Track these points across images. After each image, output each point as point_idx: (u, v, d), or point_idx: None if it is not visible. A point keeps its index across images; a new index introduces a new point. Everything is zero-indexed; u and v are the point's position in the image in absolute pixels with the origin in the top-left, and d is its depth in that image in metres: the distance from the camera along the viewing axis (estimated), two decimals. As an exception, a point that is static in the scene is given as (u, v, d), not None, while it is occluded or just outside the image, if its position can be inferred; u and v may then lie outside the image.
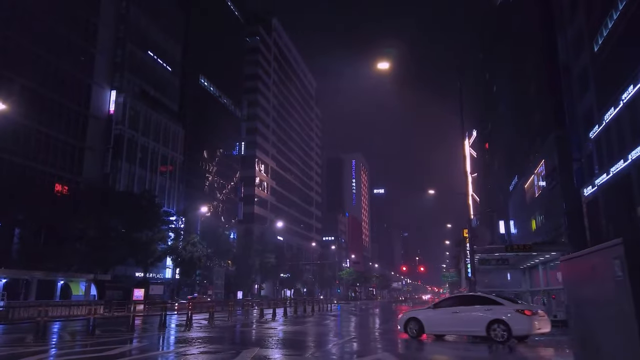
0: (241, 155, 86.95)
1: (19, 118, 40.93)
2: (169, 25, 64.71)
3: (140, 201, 42.62)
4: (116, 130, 52.72)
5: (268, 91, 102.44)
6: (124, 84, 54.97)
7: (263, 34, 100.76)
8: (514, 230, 59.18)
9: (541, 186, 43.59)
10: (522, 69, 50.18)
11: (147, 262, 43.85)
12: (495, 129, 73.03)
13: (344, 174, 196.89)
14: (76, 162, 47.96)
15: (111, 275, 41.68)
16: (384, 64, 19.97)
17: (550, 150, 38.77)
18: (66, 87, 47.23)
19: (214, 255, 54.75)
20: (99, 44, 52.04)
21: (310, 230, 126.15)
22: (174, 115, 63.95)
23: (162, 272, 56.54)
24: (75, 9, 48.52)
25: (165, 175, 60.27)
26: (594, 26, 29.85)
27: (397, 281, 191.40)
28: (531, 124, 47.07)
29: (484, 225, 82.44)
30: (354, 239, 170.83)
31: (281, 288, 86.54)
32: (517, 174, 55.71)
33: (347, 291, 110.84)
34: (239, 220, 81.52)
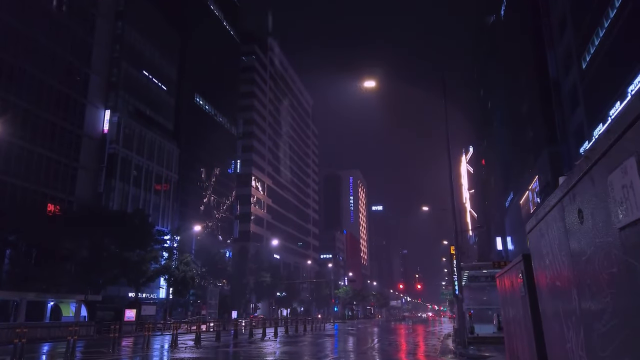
0: (237, 173, 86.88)
1: (11, 138, 40.91)
2: (164, 44, 65.24)
3: (132, 220, 42.29)
4: (110, 150, 52.68)
5: (264, 109, 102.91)
6: (118, 103, 55.14)
7: (259, 53, 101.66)
8: (511, 247, 58.88)
9: (536, 202, 43.52)
10: (514, 86, 50.59)
11: (139, 282, 43.30)
12: (491, 145, 73.32)
13: (341, 190, 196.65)
14: (69, 181, 47.79)
15: (102, 296, 41.13)
16: (371, 82, 20.03)
17: (543, 166, 38.82)
18: (60, 106, 47.33)
19: (208, 274, 54.20)
20: (94, 64, 52.35)
21: (308, 248, 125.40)
22: (169, 133, 64.03)
23: (156, 292, 55.90)
24: (71, 29, 48.92)
25: (160, 194, 60.06)
26: (581, 44, 30.16)
27: (396, 299, 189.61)
28: (524, 140, 47.25)
29: (482, 241, 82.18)
30: (352, 256, 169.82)
31: (277, 307, 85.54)
32: (513, 190, 55.69)
33: (344, 310, 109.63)
34: (234, 239, 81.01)
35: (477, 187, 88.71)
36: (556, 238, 2.10)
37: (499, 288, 5.46)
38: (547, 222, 2.27)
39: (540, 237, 2.46)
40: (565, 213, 1.90)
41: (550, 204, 2.21)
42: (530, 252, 3.05)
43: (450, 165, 20.14)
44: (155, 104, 63.02)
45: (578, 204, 1.68)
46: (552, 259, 2.22)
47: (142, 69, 60.58)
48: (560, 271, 2.09)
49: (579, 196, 1.67)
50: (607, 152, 1.33)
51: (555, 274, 2.20)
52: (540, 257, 2.52)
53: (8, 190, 40.97)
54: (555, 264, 2.17)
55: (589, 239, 1.58)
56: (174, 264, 46.84)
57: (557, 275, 2.16)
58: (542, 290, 2.60)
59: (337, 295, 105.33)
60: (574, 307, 1.85)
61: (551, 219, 2.18)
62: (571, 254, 1.87)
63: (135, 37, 59.24)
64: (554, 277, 2.24)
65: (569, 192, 1.80)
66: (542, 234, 2.38)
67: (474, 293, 24.91)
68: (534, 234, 2.70)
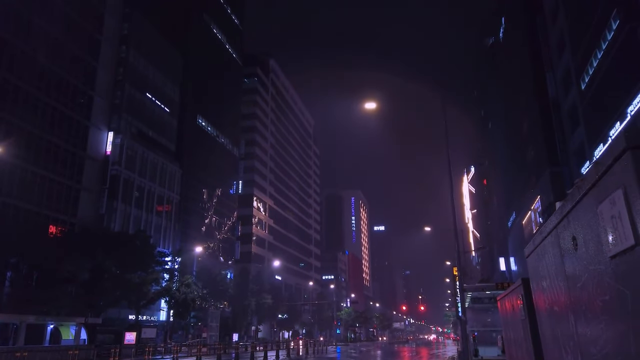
0: (239, 193, 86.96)
1: (15, 160, 41.19)
2: (167, 67, 66.14)
3: (134, 241, 42.22)
4: (112, 171, 52.92)
5: (266, 130, 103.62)
6: (121, 125, 55.63)
7: (261, 74, 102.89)
8: (515, 267, 58.40)
9: (538, 222, 43.35)
10: (514, 107, 50.96)
11: (139, 304, 43.01)
12: (492, 165, 73.45)
13: (343, 211, 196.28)
14: (71, 203, 47.89)
15: (103, 319, 40.80)
16: (371, 104, 20.23)
17: (545, 186, 38.81)
18: (64, 129, 47.76)
19: (209, 296, 53.79)
20: (98, 87, 53.01)
21: (309, 269, 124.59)
22: (171, 155, 64.40)
23: (156, 315, 55.40)
24: (75, 52, 49.70)
25: (162, 214, 60.07)
26: (580, 65, 30.51)
27: (399, 321, 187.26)
28: (525, 160, 47.36)
29: (485, 262, 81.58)
30: (354, 277, 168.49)
31: (279, 329, 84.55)
32: (515, 210, 55.55)
33: (347, 332, 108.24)
34: (235, 260, 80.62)
35: (479, 207, 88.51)
36: (553, 263, 2.14)
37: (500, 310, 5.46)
38: (544, 247, 2.31)
39: (538, 261, 2.49)
40: (560, 239, 1.94)
41: (547, 230, 2.26)
42: (529, 276, 3.08)
43: (452, 186, 20.18)
44: (158, 126, 63.56)
45: (572, 230, 1.73)
46: (550, 283, 2.25)
47: (146, 91, 61.30)
48: (557, 296, 2.12)
49: (572, 223, 1.72)
50: (596, 183, 1.39)
51: (553, 298, 2.23)
52: (539, 281, 2.56)
53: (11, 212, 41.05)
54: (553, 289, 2.20)
55: (583, 266, 1.62)
56: (175, 286, 46.57)
57: (554, 300, 2.20)
58: (541, 313, 2.62)
59: (339, 317, 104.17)
60: (571, 332, 1.88)
61: (548, 244, 2.22)
62: (567, 279, 1.90)
63: (138, 60, 60.12)
64: (552, 302, 2.27)
65: (563, 219, 1.84)
66: (540, 258, 2.42)
67: (477, 315, 24.62)
68: (532, 258, 2.74)
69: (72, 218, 47.33)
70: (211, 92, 76.93)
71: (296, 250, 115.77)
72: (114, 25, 56.44)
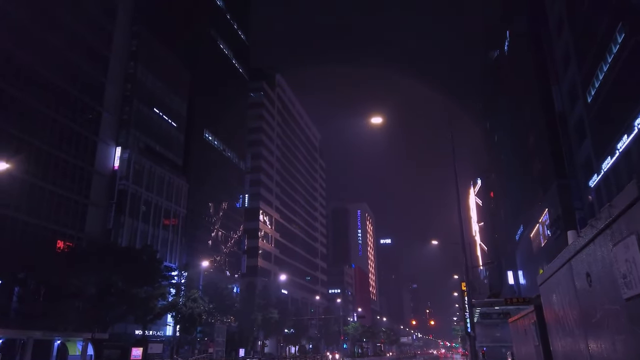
0: (245, 207, 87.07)
1: (24, 175, 41.58)
2: (175, 82, 66.86)
3: (141, 256, 42.28)
4: (120, 186, 53.25)
5: (272, 144, 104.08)
6: (129, 140, 56.10)
7: (267, 89, 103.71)
8: (523, 281, 57.81)
9: (547, 235, 43.02)
10: (520, 119, 50.93)
11: (146, 319, 42.89)
12: (499, 177, 73.17)
13: (349, 224, 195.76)
14: (79, 218, 48.16)
15: (109, 334, 40.71)
16: (378, 119, 20.33)
17: (553, 199, 38.59)
18: (72, 144, 48.24)
19: (215, 311, 53.56)
20: (106, 102, 53.62)
21: (316, 282, 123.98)
22: (178, 169, 64.76)
23: (163, 330, 55.20)
24: (84, 69, 50.38)
25: (168, 228, 60.22)
26: (586, 78, 30.54)
27: (407, 335, 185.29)
28: (533, 173, 47.18)
29: (494, 275, 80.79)
30: (360, 291, 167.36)
31: (285, 344, 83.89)
32: (523, 223, 55.16)
33: (354, 347, 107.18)
34: (242, 274, 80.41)
35: (487, 219, 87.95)
36: (566, 295, 2.16)
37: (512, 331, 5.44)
38: (557, 278, 2.32)
39: (551, 291, 2.51)
40: (574, 273, 1.96)
41: (560, 262, 2.28)
42: (542, 303, 3.08)
43: (459, 201, 20.14)
44: (165, 140, 64.06)
45: (586, 267, 1.75)
46: (564, 315, 2.27)
47: (153, 107, 61.92)
48: (572, 329, 2.13)
49: (586, 260, 1.74)
50: (610, 225, 1.42)
51: (567, 330, 2.24)
52: (552, 310, 2.57)
53: (19, 226, 41.32)
54: (567, 321, 2.21)
55: (598, 304, 1.64)
56: (181, 301, 46.46)
57: (569, 331, 2.20)
58: (555, 343, 2.62)
59: (346, 331, 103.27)
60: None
61: (561, 276, 2.24)
62: (581, 313, 1.92)
63: (146, 75, 60.84)
64: (566, 333, 2.27)
65: (577, 254, 1.87)
66: (553, 289, 2.43)
67: (486, 330, 24.35)
68: (545, 287, 2.75)
69: (80, 233, 47.54)
70: (218, 107, 77.55)
71: (302, 264, 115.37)
72: (122, 42, 57.27)
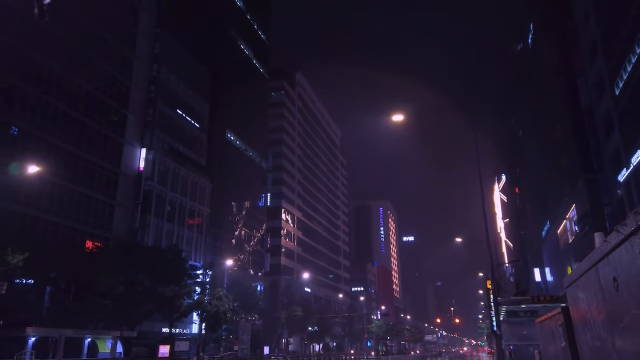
0: (267, 206, 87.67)
1: (54, 178, 42.76)
2: (197, 83, 67.74)
3: (166, 255, 43.06)
4: (145, 187, 54.27)
5: (293, 142, 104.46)
6: (153, 141, 57.11)
7: (287, 88, 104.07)
8: (550, 278, 56.71)
9: (574, 231, 42.08)
10: (545, 113, 49.90)
11: (172, 317, 43.66)
12: (524, 173, 71.86)
13: (371, 222, 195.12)
14: (106, 218, 49.28)
15: (137, 332, 41.58)
16: (399, 116, 20.22)
17: (580, 194, 37.72)
18: (99, 146, 49.37)
19: (240, 309, 54.14)
20: (131, 105, 54.69)
21: (339, 280, 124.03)
22: (201, 169, 65.63)
23: (189, 328, 56.08)
24: (110, 72, 51.49)
25: (193, 228, 61.11)
26: (613, 70, 29.74)
27: (431, 334, 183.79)
28: (559, 167, 46.18)
29: (520, 272, 79.41)
30: (384, 289, 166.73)
31: (309, 343, 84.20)
32: (549, 219, 54.08)
33: (378, 345, 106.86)
34: (265, 272, 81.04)
35: (512, 216, 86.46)
36: (594, 299, 2.14)
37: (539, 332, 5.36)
38: (584, 281, 2.31)
39: (578, 294, 2.49)
40: (600, 277, 1.95)
41: (587, 265, 2.26)
42: (568, 305, 3.05)
43: (483, 197, 19.89)
44: (189, 141, 64.99)
45: (612, 271, 1.74)
46: (591, 318, 2.25)
47: (176, 108, 62.87)
48: (599, 332, 2.12)
49: (612, 264, 1.73)
50: (636, 232, 1.41)
51: (594, 333, 2.22)
52: (579, 312, 2.54)
53: (49, 228, 42.53)
54: (595, 324, 2.19)
55: (625, 309, 1.63)
56: (206, 299, 47.11)
57: (596, 335, 2.19)
58: (582, 345, 2.60)
59: (369, 330, 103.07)
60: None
61: (588, 279, 2.22)
62: (609, 317, 1.91)
63: (169, 77, 61.81)
64: (593, 337, 2.26)
65: (603, 258, 1.86)
66: (580, 291, 2.41)
67: (513, 328, 24.00)
68: (572, 289, 2.72)
69: (108, 233, 48.66)
70: (239, 107, 78.22)
71: (325, 262, 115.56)
72: (145, 45, 58.30)
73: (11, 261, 29.75)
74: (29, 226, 39.94)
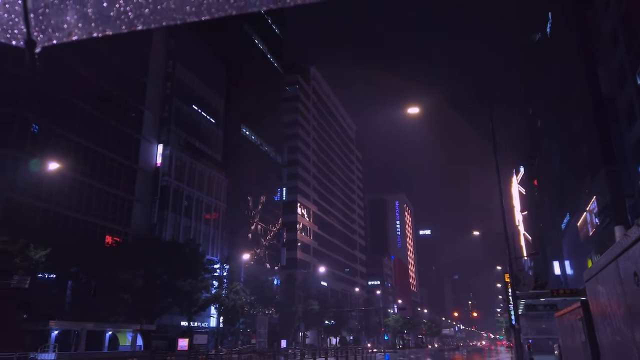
0: (283, 200, 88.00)
1: (73, 174, 43.53)
2: (211, 79, 68.12)
3: (184, 250, 43.58)
4: (163, 182, 54.91)
5: (308, 137, 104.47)
6: (170, 137, 57.71)
7: (302, 82, 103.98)
8: (570, 271, 55.88)
9: (595, 224, 41.32)
10: (565, 103, 48.95)
11: (191, 311, 44.27)
12: (543, 165, 70.71)
13: (387, 215, 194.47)
14: (125, 214, 50.03)
15: (157, 325, 42.25)
16: (414, 109, 20.03)
17: (601, 186, 36.96)
18: (117, 143, 50.06)
19: (257, 302, 54.63)
20: (147, 101, 55.29)
21: (355, 274, 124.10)
22: (217, 164, 66.12)
23: (207, 321, 56.78)
24: (126, 70, 52.05)
25: (209, 223, 61.69)
26: (635, 58, 28.98)
27: (449, 327, 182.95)
28: (579, 159, 45.31)
29: (538, 266, 78.42)
30: (400, 283, 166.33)
31: (326, 336, 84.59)
32: (569, 211, 53.18)
33: (395, 339, 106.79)
34: (281, 266, 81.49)
35: (530, 208, 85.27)
36: (614, 293, 2.08)
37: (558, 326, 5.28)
38: (604, 275, 2.25)
39: (597, 288, 2.42)
40: (620, 271, 1.89)
41: (607, 259, 2.20)
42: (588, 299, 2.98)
43: (501, 189, 19.63)
44: (204, 136, 65.49)
45: (633, 266, 1.68)
46: (611, 312, 2.19)
47: (192, 104, 63.34)
48: (620, 327, 2.06)
49: (633, 258, 1.67)
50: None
51: (615, 328, 2.17)
52: (599, 307, 2.48)
53: (70, 223, 43.35)
54: (615, 319, 2.13)
55: (647, 304, 1.58)
56: (224, 293, 47.64)
57: (617, 330, 2.13)
58: (602, 339, 2.54)
59: (386, 323, 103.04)
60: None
61: (608, 273, 2.16)
62: (629, 312, 1.85)
63: (184, 73, 62.26)
64: (614, 332, 2.20)
65: (623, 253, 1.80)
66: (600, 285, 2.35)
67: (532, 322, 23.70)
68: (591, 284, 2.66)
69: (126, 228, 49.41)
70: (254, 101, 78.43)
71: (341, 256, 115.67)
72: (161, 42, 58.77)
73: (34, 257, 30.41)
74: (50, 222, 40.74)
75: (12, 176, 37.96)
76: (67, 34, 1.92)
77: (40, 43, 1.88)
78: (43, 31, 1.87)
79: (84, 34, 1.94)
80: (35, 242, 30.68)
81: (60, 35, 1.92)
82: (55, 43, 1.94)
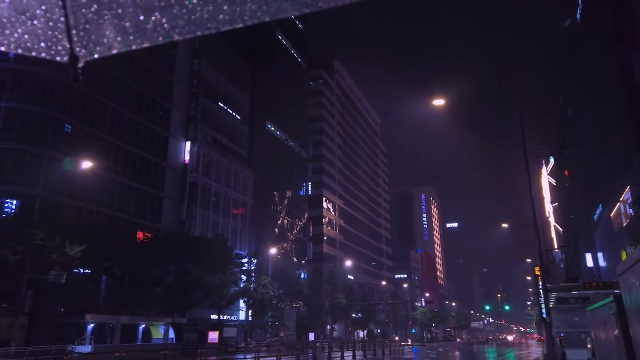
0: (308, 195, 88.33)
1: (106, 172, 44.76)
2: (236, 76, 68.75)
3: (212, 245, 44.35)
4: (191, 179, 55.91)
5: (333, 131, 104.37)
6: (197, 134, 58.65)
7: (326, 77, 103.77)
8: (603, 263, 54.38)
9: (629, 214, 40.08)
10: (596, 91, 47.49)
11: (220, 304, 45.07)
12: (574, 155, 68.80)
13: (413, 208, 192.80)
14: (155, 210, 51.19)
15: (188, 318, 43.23)
16: (440, 101, 19.84)
17: (635, 175, 35.80)
18: (146, 141, 51.18)
19: (284, 296, 55.20)
20: (175, 100, 56.26)
21: (381, 268, 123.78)
22: (243, 160, 66.87)
23: (236, 314, 57.72)
24: (154, 70, 53.01)
25: (237, 218, 62.53)
26: (671, 42, 27.87)
27: (477, 320, 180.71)
28: (612, 148, 43.92)
29: (570, 258, 76.58)
30: (427, 276, 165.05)
31: (354, 329, 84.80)
32: (602, 202, 51.67)
33: (422, 332, 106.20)
34: (308, 260, 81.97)
35: (561, 200, 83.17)
36: (647, 287, 2.09)
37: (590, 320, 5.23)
38: (637, 270, 2.25)
39: (631, 282, 2.42)
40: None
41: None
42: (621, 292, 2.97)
43: (530, 181, 19.27)
44: (230, 133, 66.29)
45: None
46: (645, 306, 2.20)
47: (218, 101, 64.13)
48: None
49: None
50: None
51: (649, 322, 2.18)
52: (633, 301, 2.48)
53: (103, 220, 44.64)
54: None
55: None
56: (252, 287, 48.32)
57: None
58: (636, 333, 2.54)
59: (414, 317, 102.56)
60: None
61: (641, 267, 2.17)
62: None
63: (210, 71, 63.02)
64: (648, 325, 2.21)
65: (656, 246, 1.81)
66: (634, 279, 2.35)
67: (563, 315, 23.22)
68: (624, 277, 2.65)
69: (157, 224, 50.56)
70: (278, 97, 78.80)
71: (367, 250, 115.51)
72: (186, 42, 59.50)
73: (69, 252, 31.50)
74: (84, 219, 42.02)
75: (47, 175, 39.30)
76: (107, 47, 2.01)
77: (82, 58, 1.97)
78: (85, 46, 1.96)
79: (123, 47, 2.03)
80: (70, 239, 31.75)
81: (101, 50, 2.01)
82: (96, 57, 2.04)
